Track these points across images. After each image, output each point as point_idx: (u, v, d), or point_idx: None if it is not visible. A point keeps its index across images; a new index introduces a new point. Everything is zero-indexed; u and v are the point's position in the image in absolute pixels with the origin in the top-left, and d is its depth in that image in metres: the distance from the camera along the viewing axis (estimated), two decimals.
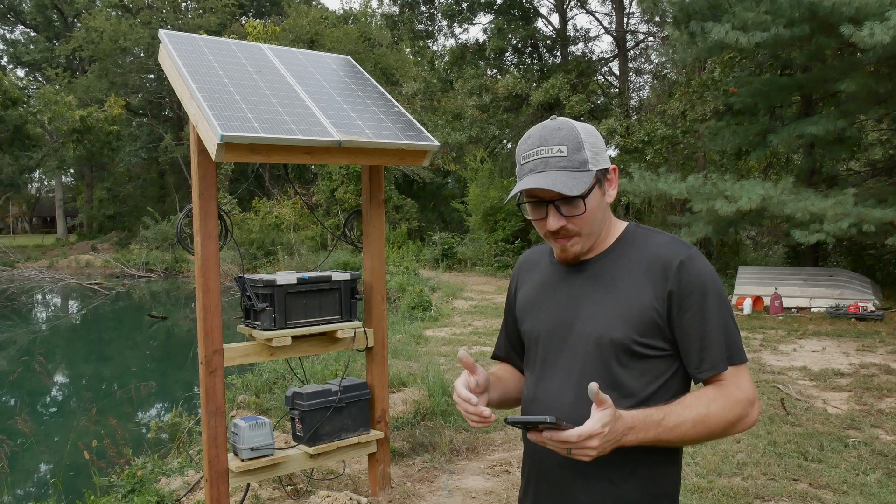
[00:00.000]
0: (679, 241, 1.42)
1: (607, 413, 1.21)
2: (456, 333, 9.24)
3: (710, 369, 1.37)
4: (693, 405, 1.33)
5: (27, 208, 53.76)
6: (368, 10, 34.70)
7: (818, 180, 12.10)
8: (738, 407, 1.35)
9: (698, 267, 1.37)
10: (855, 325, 9.14)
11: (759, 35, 8.67)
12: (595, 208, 1.40)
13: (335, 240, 21.27)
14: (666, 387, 1.39)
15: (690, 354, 1.38)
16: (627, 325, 1.36)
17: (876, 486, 3.89)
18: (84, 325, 15.65)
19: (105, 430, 5.45)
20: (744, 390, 1.36)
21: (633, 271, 1.40)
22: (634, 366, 1.37)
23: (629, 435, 1.27)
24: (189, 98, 3.13)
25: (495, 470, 4.33)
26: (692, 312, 1.35)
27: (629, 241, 1.46)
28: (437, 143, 3.56)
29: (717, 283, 1.39)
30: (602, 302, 1.41)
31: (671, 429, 1.30)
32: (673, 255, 1.38)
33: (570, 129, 1.40)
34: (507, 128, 18.15)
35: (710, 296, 1.36)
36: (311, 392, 3.52)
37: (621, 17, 18.72)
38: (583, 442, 1.20)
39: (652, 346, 1.37)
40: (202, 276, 3.21)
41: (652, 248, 1.42)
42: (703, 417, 1.32)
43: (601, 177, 1.42)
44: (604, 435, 1.21)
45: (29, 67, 41.49)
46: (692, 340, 1.36)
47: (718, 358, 1.36)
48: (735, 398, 1.35)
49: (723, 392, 1.35)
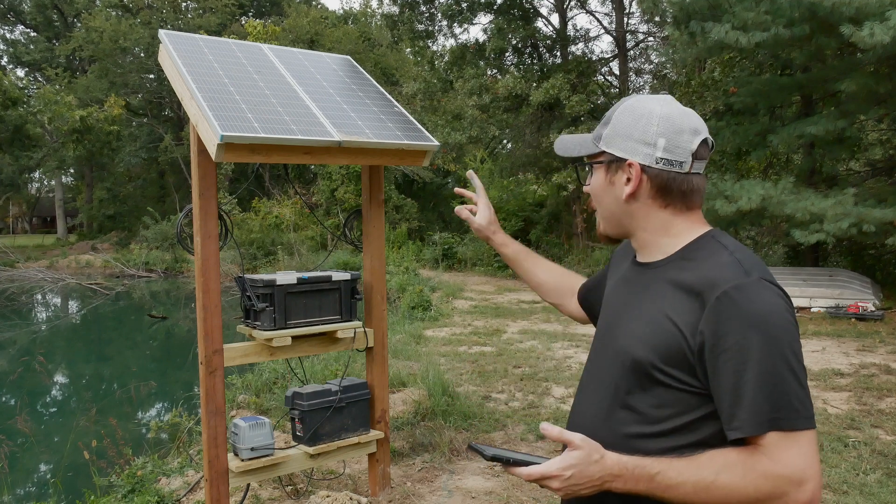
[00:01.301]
0: (742, 264, 1.17)
1: (574, 455, 1.12)
2: (456, 333, 9.23)
3: (738, 429, 1.11)
4: (701, 466, 1.12)
5: (27, 208, 53.75)
6: (368, 10, 34.71)
7: (818, 180, 12.10)
8: (768, 483, 1.09)
9: (749, 300, 1.11)
10: (855, 325, 9.14)
11: (759, 35, 8.67)
12: (597, 190, 1.34)
13: (335, 240, 21.27)
14: (694, 427, 1.18)
15: (721, 407, 1.14)
16: (650, 349, 1.20)
17: (876, 486, 3.89)
18: (84, 325, 15.65)
19: (105, 430, 5.45)
20: (785, 465, 1.08)
21: (679, 289, 1.20)
22: (654, 392, 1.20)
23: (615, 483, 1.14)
24: (189, 98, 3.13)
25: (495, 470, 4.33)
26: (727, 356, 1.11)
27: (693, 253, 1.25)
28: (437, 143, 3.56)
29: (771, 323, 1.10)
30: (639, 316, 1.26)
31: (666, 487, 1.13)
32: (721, 280, 1.14)
33: (625, 104, 1.30)
34: (507, 128, 18.14)
35: (756, 338, 1.09)
36: (311, 392, 3.52)
37: (621, 17, 18.72)
38: (543, 481, 1.13)
39: (677, 378, 1.17)
40: (202, 276, 3.21)
41: (707, 268, 1.19)
42: (707, 485, 1.11)
43: (613, 161, 1.29)
44: (564, 478, 1.12)
45: (29, 67, 41.47)
46: (724, 390, 1.12)
47: (751, 417, 1.09)
48: (763, 470, 1.09)
49: (747, 460, 1.11)
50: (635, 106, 1.27)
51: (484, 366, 7.14)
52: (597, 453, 1.13)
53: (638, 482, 1.13)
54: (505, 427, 5.14)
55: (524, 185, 17.64)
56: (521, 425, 5.16)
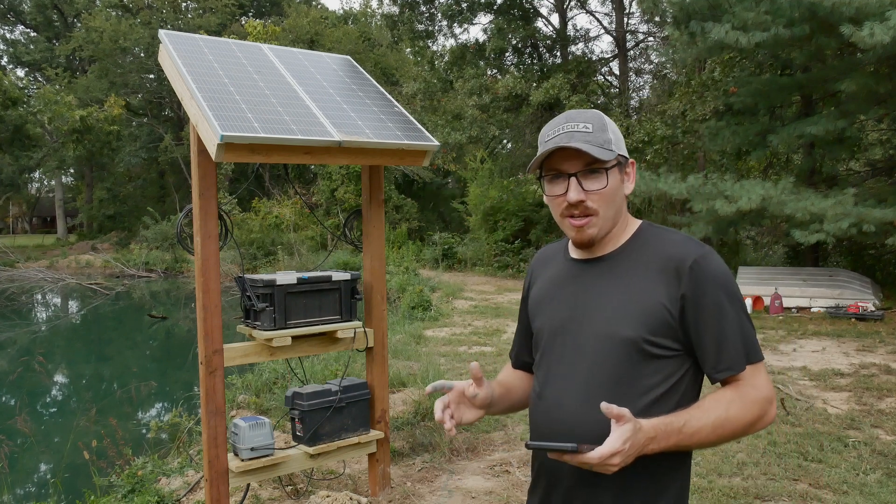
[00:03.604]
0: (693, 240, 1.41)
1: (627, 428, 1.21)
2: (456, 333, 9.23)
3: (728, 370, 1.35)
4: (712, 409, 1.32)
5: (27, 208, 53.76)
6: (368, 10, 34.71)
7: (818, 180, 12.10)
8: (757, 406, 1.34)
9: (712, 266, 1.36)
10: (855, 325, 9.14)
11: (759, 35, 8.67)
12: (615, 189, 1.40)
13: (335, 240, 21.27)
14: (677, 386, 1.37)
15: (707, 355, 1.36)
16: (638, 324, 1.35)
17: (876, 486, 3.89)
18: (84, 325, 15.65)
19: (105, 430, 5.46)
20: (761, 389, 1.35)
21: (647, 269, 1.39)
22: (645, 364, 1.35)
23: (651, 445, 1.26)
24: (189, 98, 3.13)
25: (495, 470, 4.33)
26: (707, 313, 1.34)
27: (643, 240, 1.44)
28: (437, 143, 3.56)
29: (731, 282, 1.37)
30: (614, 300, 1.39)
31: (692, 434, 1.30)
32: (687, 254, 1.36)
33: (595, 112, 1.42)
34: (507, 128, 18.14)
35: (724, 295, 1.35)
36: (311, 392, 3.52)
37: (621, 17, 18.72)
38: (605, 460, 1.21)
39: (663, 345, 1.35)
40: (202, 276, 3.21)
41: (666, 247, 1.40)
42: (723, 421, 1.31)
43: (623, 162, 1.42)
44: (625, 451, 1.21)
45: (29, 67, 41.48)
46: (708, 341, 1.35)
47: (735, 358, 1.35)
48: (753, 398, 1.34)
49: (741, 393, 1.34)
50: (603, 116, 1.43)
51: (484, 366, 7.14)
52: (638, 423, 1.23)
53: (669, 438, 1.28)
54: (505, 427, 5.14)
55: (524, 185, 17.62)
56: (520, 425, 5.16)
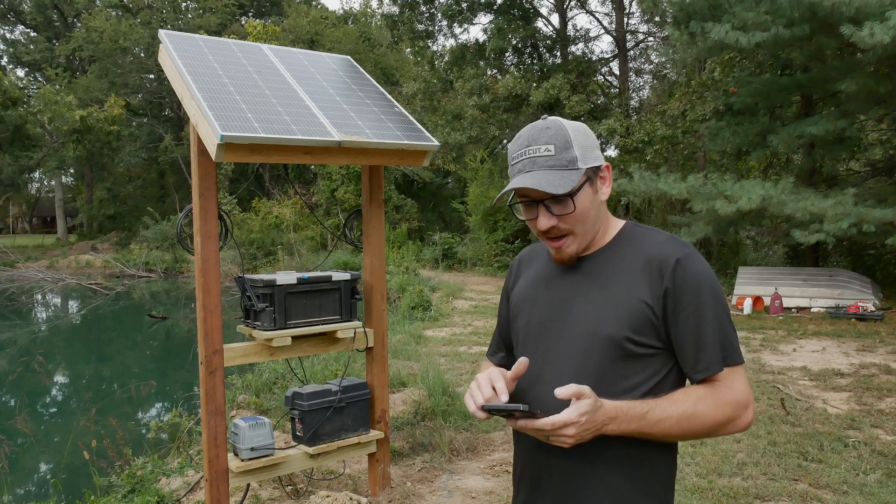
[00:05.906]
0: (676, 239, 1.41)
1: (585, 403, 1.22)
2: (456, 333, 9.23)
3: (705, 370, 1.35)
4: (680, 401, 1.33)
5: (27, 208, 53.74)
6: (368, 10, 34.72)
7: (818, 180, 12.10)
8: (729, 408, 1.34)
9: (695, 266, 1.36)
10: (855, 325, 9.14)
11: (759, 35, 8.67)
12: (587, 206, 1.39)
13: (335, 240, 21.27)
14: (661, 384, 1.38)
15: (686, 355, 1.37)
16: (621, 323, 1.35)
17: (876, 486, 3.89)
18: (84, 325, 15.65)
19: (105, 430, 5.46)
20: (737, 392, 1.35)
21: (629, 269, 1.39)
22: (628, 363, 1.36)
23: (611, 425, 1.27)
24: (189, 98, 3.13)
25: (495, 470, 4.34)
26: (687, 312, 1.34)
27: (626, 240, 1.45)
28: (437, 144, 3.56)
29: (713, 282, 1.37)
30: (597, 299, 1.40)
31: (655, 423, 1.30)
32: (669, 253, 1.37)
33: (558, 128, 1.39)
34: (507, 128, 18.14)
35: (706, 295, 1.35)
36: (311, 392, 3.51)
37: (621, 17, 18.72)
38: (558, 430, 1.22)
39: (646, 344, 1.36)
40: (202, 276, 3.21)
41: (649, 247, 1.40)
42: (689, 415, 1.32)
43: (592, 175, 1.41)
44: (580, 424, 1.22)
45: (29, 67, 41.48)
46: (687, 341, 1.35)
47: (713, 359, 1.35)
48: (726, 400, 1.34)
49: (714, 392, 1.35)
50: (572, 123, 1.42)
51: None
52: (598, 401, 1.25)
53: (631, 422, 1.29)
54: (505, 427, 5.14)
55: None
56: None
